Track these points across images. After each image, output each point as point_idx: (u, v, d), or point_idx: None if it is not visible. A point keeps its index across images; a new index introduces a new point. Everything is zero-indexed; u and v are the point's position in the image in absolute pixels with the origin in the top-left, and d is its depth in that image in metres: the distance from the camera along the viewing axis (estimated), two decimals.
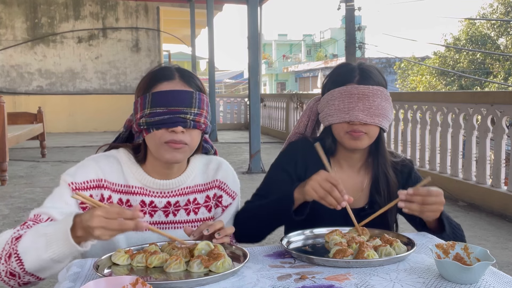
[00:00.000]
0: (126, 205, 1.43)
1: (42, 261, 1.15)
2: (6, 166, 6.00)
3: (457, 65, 23.85)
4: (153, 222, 1.46)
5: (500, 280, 1.09)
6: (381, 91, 1.53)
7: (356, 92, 1.51)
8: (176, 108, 1.34)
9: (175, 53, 24.67)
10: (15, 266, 1.16)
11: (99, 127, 13.22)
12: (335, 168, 1.64)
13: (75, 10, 13.31)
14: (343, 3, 14.77)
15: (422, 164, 5.97)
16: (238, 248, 1.26)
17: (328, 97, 1.58)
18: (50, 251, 1.14)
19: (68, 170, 1.41)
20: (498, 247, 3.72)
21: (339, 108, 1.53)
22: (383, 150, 1.63)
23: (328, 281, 1.08)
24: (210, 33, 11.23)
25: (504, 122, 4.76)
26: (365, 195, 1.65)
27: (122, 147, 1.49)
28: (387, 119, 1.55)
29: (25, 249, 1.15)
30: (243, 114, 14.56)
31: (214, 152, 1.62)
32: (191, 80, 1.41)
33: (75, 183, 1.37)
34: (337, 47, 39.50)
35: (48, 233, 1.15)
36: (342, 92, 1.54)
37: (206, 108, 1.41)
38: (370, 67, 1.60)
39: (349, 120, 1.51)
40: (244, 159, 7.94)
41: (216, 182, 1.54)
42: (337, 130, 1.57)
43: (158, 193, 1.46)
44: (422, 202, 1.35)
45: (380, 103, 1.52)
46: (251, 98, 6.92)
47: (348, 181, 1.64)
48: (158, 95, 1.36)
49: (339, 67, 1.65)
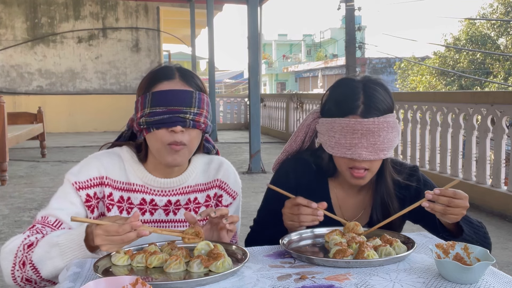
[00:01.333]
0: (127, 202, 1.44)
1: (59, 269, 1.21)
2: (6, 166, 6.00)
3: (457, 65, 23.85)
4: (153, 220, 1.47)
5: (500, 280, 1.09)
6: (387, 122, 1.39)
7: (360, 128, 1.38)
8: (175, 108, 1.34)
9: (175, 53, 24.68)
10: (31, 274, 1.22)
11: (99, 127, 13.22)
12: (334, 188, 1.57)
13: (75, 10, 13.31)
14: (343, 3, 14.78)
15: (422, 164, 5.97)
16: (238, 248, 1.26)
17: (328, 126, 1.45)
18: (66, 260, 1.21)
19: (72, 169, 1.43)
20: (498, 247, 3.72)
21: (340, 143, 1.41)
22: (386, 174, 1.53)
23: (328, 281, 1.08)
24: (210, 33, 11.23)
25: (504, 122, 4.76)
26: (366, 216, 1.59)
27: (126, 145, 1.50)
28: (392, 149, 1.44)
29: (40, 259, 1.21)
30: (243, 114, 14.56)
31: (216, 152, 1.61)
32: (191, 79, 1.41)
33: (78, 182, 1.39)
34: (337, 47, 39.49)
35: (61, 243, 1.21)
36: (343, 126, 1.40)
37: (207, 107, 1.40)
38: (376, 89, 1.43)
39: (351, 157, 1.41)
40: (244, 159, 7.94)
41: (217, 182, 1.54)
42: (337, 161, 1.47)
43: (159, 191, 1.47)
44: (448, 203, 1.29)
45: (386, 137, 1.39)
46: (251, 98, 6.92)
47: (349, 200, 1.58)
48: (158, 94, 1.36)
49: (341, 85, 1.50)
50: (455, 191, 1.31)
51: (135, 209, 1.46)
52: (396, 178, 1.56)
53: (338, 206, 1.58)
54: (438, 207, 1.31)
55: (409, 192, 1.57)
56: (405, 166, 1.61)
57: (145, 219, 1.46)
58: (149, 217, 1.46)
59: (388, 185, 1.54)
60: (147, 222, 1.46)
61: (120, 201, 1.44)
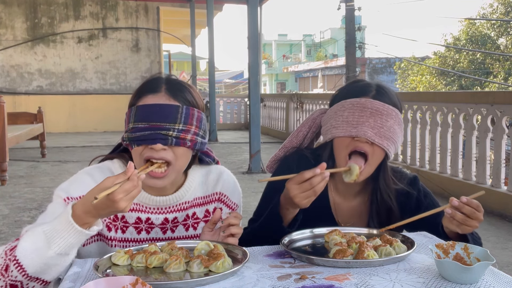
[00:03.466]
0: (122, 221, 1.38)
1: (47, 259, 1.11)
2: (6, 166, 6.00)
3: (457, 65, 23.84)
4: (150, 239, 1.41)
5: (500, 280, 1.09)
6: (396, 113, 1.43)
7: (370, 106, 1.40)
8: (157, 124, 1.26)
9: (175, 53, 24.68)
10: (16, 274, 1.11)
11: (99, 127, 13.22)
12: (332, 190, 1.56)
13: (75, 10, 13.31)
14: (343, 3, 14.76)
15: (422, 164, 5.97)
16: (238, 248, 1.26)
17: (337, 107, 1.47)
18: (55, 246, 1.10)
19: (61, 185, 1.34)
20: (498, 247, 3.72)
21: (347, 120, 1.41)
22: (386, 178, 1.51)
23: (328, 281, 1.08)
24: (210, 33, 11.23)
25: (504, 122, 4.76)
26: (362, 221, 1.57)
27: (117, 157, 1.42)
28: (395, 145, 1.44)
29: (25, 253, 1.11)
30: (243, 114, 14.56)
31: (216, 163, 1.54)
32: (178, 93, 1.31)
33: (70, 198, 1.30)
34: (337, 47, 39.48)
35: (46, 230, 1.11)
36: (354, 103, 1.42)
37: (196, 123, 1.31)
38: (387, 87, 1.51)
39: (355, 135, 1.39)
40: (244, 159, 7.94)
41: (216, 195, 1.49)
42: (338, 146, 1.45)
43: (154, 209, 1.40)
44: (470, 214, 1.26)
45: (392, 125, 1.41)
46: (251, 98, 6.92)
47: (344, 205, 1.57)
48: (141, 109, 1.29)
49: (355, 81, 1.57)
50: (479, 204, 1.28)
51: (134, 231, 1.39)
52: (396, 187, 1.54)
53: (334, 208, 1.57)
54: (459, 216, 1.27)
55: (409, 200, 1.56)
56: (405, 175, 1.60)
57: (141, 238, 1.40)
58: (146, 235, 1.40)
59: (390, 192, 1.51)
60: (144, 241, 1.40)
61: (115, 220, 1.37)
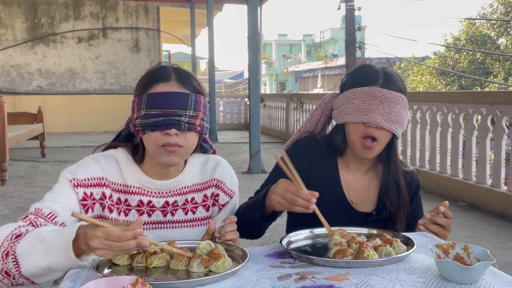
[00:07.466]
0: (125, 204, 1.44)
1: (39, 268, 1.14)
2: (6, 166, 6.00)
3: (457, 65, 23.85)
4: (151, 222, 1.46)
5: (500, 280, 1.09)
6: (402, 99, 1.55)
7: (379, 95, 1.52)
8: (170, 111, 1.34)
9: (175, 53, 24.66)
10: (11, 267, 1.15)
11: (99, 127, 13.22)
12: (343, 169, 1.64)
13: (75, 10, 13.31)
14: (343, 3, 14.76)
15: (422, 164, 5.97)
16: (238, 248, 1.26)
17: (348, 95, 1.57)
18: (49, 259, 1.13)
19: (68, 168, 1.41)
20: (498, 247, 3.72)
21: (358, 108, 1.53)
22: (395, 156, 1.64)
23: (328, 281, 1.08)
24: (210, 33, 11.23)
25: (504, 122, 4.76)
26: (372, 200, 1.64)
27: (121, 146, 1.49)
28: (402, 127, 1.56)
29: (24, 252, 1.14)
30: (243, 114, 14.56)
31: (213, 151, 1.62)
32: (188, 81, 1.40)
33: (76, 180, 1.36)
34: (337, 47, 39.49)
35: (48, 239, 1.14)
36: (364, 92, 1.53)
37: (203, 109, 1.40)
38: (393, 72, 1.60)
39: (366, 122, 1.51)
40: (244, 159, 7.94)
41: (213, 181, 1.55)
42: (351, 131, 1.56)
43: (156, 193, 1.47)
44: (446, 224, 1.44)
45: (399, 110, 1.53)
46: (251, 98, 6.91)
47: (354, 183, 1.64)
48: (153, 96, 1.36)
49: (362, 68, 1.64)
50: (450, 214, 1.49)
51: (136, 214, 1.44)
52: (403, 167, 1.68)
53: (346, 187, 1.64)
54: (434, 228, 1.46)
55: (412, 179, 1.69)
56: (406, 164, 1.73)
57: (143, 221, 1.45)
58: (147, 218, 1.46)
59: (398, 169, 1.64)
60: (145, 224, 1.46)
61: (118, 203, 1.43)
